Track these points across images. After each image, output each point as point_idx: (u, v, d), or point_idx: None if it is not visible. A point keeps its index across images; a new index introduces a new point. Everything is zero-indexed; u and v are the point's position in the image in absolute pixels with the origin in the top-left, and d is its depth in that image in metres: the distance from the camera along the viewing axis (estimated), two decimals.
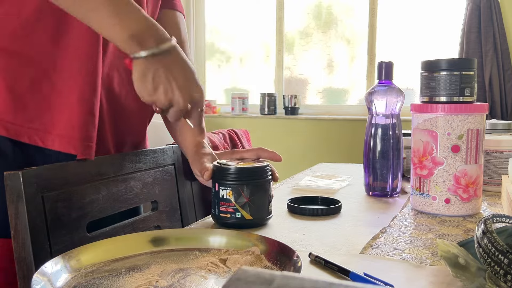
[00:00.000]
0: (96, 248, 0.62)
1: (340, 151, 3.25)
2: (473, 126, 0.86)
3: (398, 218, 0.87)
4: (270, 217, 0.83)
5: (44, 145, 0.77)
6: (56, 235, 0.74)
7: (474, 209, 0.89)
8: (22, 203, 0.69)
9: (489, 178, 1.08)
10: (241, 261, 0.61)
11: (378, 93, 1.03)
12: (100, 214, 0.82)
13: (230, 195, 0.78)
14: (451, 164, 0.87)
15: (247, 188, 0.78)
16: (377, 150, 1.03)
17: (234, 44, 3.76)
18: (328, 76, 3.53)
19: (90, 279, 0.56)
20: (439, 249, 0.55)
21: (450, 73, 0.88)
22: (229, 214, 0.79)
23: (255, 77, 3.71)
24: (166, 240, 0.68)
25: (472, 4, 2.97)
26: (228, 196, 0.78)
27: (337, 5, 3.48)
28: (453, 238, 0.75)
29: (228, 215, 0.79)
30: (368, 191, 1.06)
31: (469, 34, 2.99)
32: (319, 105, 3.53)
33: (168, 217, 1.01)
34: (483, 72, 2.95)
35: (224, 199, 0.79)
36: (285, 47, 3.60)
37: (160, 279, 0.56)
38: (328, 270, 0.62)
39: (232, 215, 0.78)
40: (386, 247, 0.71)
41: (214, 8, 3.77)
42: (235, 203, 0.78)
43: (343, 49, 3.48)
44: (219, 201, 0.79)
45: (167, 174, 1.02)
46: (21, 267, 0.69)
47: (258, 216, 0.79)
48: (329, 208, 0.90)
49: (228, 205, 0.78)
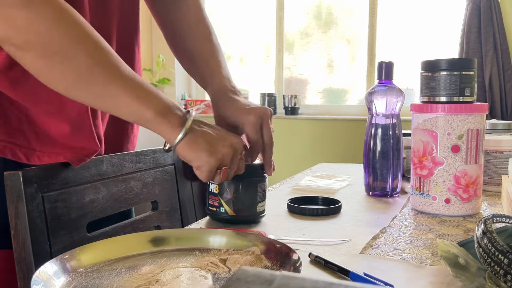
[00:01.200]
0: (96, 248, 0.62)
1: (340, 151, 3.25)
2: (473, 126, 0.86)
3: (398, 218, 0.87)
4: (261, 216, 0.83)
5: (29, 161, 0.75)
6: (56, 235, 0.74)
7: (474, 209, 0.89)
8: (22, 203, 0.69)
9: (489, 178, 1.08)
10: (241, 261, 0.61)
11: (378, 93, 1.03)
12: (100, 214, 0.82)
13: (216, 189, 0.81)
14: (451, 164, 0.87)
15: (231, 185, 0.80)
16: (377, 150, 1.03)
17: (234, 44, 3.76)
18: (328, 76, 3.53)
19: (90, 279, 0.56)
20: (439, 249, 0.55)
21: (450, 73, 0.88)
22: (215, 208, 0.81)
23: (255, 77, 3.71)
24: (166, 240, 0.68)
25: (472, 4, 2.97)
26: (215, 190, 0.81)
27: (337, 5, 3.48)
28: (453, 238, 0.75)
29: (214, 208, 0.82)
30: (368, 191, 1.06)
31: (469, 34, 2.99)
32: (319, 105, 3.53)
33: (168, 217, 1.01)
34: (483, 72, 2.95)
35: (212, 192, 0.82)
36: (285, 47, 3.60)
37: (160, 279, 0.56)
38: (328, 270, 0.62)
39: (217, 209, 0.81)
40: (386, 247, 0.71)
41: (214, 8, 3.77)
42: (220, 197, 0.80)
43: (343, 49, 3.48)
44: (208, 194, 0.83)
45: (167, 174, 1.02)
46: (21, 267, 0.69)
47: (242, 214, 0.81)
48: (329, 208, 0.90)
49: (215, 199, 0.81)
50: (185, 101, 3.71)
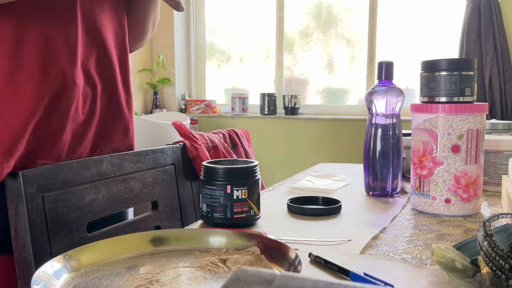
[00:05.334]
0: (96, 248, 0.62)
1: (340, 151, 3.25)
2: (473, 126, 0.86)
3: (398, 218, 0.87)
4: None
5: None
6: (56, 235, 0.74)
7: (474, 209, 0.89)
8: (22, 203, 0.69)
9: (489, 178, 1.08)
10: (241, 261, 0.61)
11: (378, 93, 1.03)
12: (100, 214, 0.82)
13: (245, 194, 0.81)
14: (451, 164, 0.87)
15: (251, 186, 0.80)
16: (377, 150, 1.03)
17: (234, 44, 3.76)
18: (328, 76, 3.53)
19: (90, 279, 0.56)
20: (435, 255, 0.55)
21: (450, 73, 0.88)
22: (245, 213, 0.81)
23: (255, 77, 3.71)
24: (166, 240, 0.68)
25: (472, 4, 2.97)
26: (243, 196, 0.80)
27: (337, 5, 3.48)
28: (453, 238, 0.75)
29: (244, 214, 0.81)
30: (368, 191, 1.06)
31: (469, 34, 2.99)
32: (319, 105, 3.53)
33: (168, 217, 1.01)
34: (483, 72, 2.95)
35: (240, 199, 0.80)
36: (285, 47, 3.60)
37: (160, 279, 0.56)
38: (328, 270, 0.62)
39: (247, 214, 0.81)
40: (386, 247, 0.71)
41: (214, 8, 3.77)
42: (249, 201, 0.80)
43: (343, 49, 3.48)
44: (233, 202, 0.80)
45: (167, 174, 1.02)
46: (21, 267, 0.69)
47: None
48: (329, 208, 0.90)
49: (244, 204, 0.80)
50: (185, 101, 3.71)
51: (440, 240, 0.74)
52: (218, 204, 0.79)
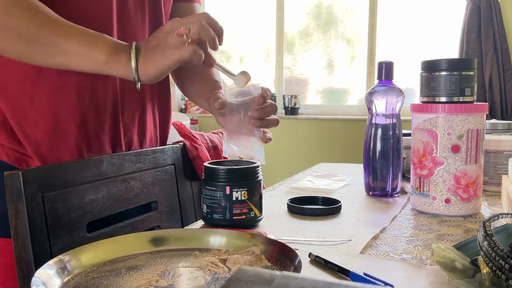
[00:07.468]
0: (96, 248, 0.62)
1: (340, 151, 3.25)
2: (473, 126, 0.86)
3: (398, 218, 0.87)
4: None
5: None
6: (56, 235, 0.74)
7: (474, 209, 0.89)
8: (22, 203, 0.69)
9: (489, 178, 1.08)
10: (241, 261, 0.61)
11: (378, 93, 1.03)
12: (100, 214, 0.82)
13: (245, 195, 0.80)
14: (451, 164, 0.87)
15: (252, 188, 0.80)
16: (377, 150, 1.03)
17: (234, 44, 3.76)
18: (328, 76, 3.53)
19: (90, 279, 0.56)
20: (435, 255, 0.55)
21: (450, 73, 0.88)
22: (244, 215, 0.80)
23: (255, 77, 3.71)
24: (166, 240, 0.68)
25: (472, 4, 2.97)
26: (243, 197, 0.79)
27: (337, 5, 3.48)
28: (453, 238, 0.75)
29: (243, 216, 0.80)
30: (368, 191, 1.06)
31: (469, 34, 2.99)
32: (319, 105, 3.53)
33: (168, 217, 1.01)
34: (483, 72, 2.95)
35: (239, 201, 0.79)
36: (285, 47, 3.60)
37: (160, 279, 0.56)
38: (328, 270, 0.62)
39: (247, 216, 0.80)
40: (386, 247, 0.71)
41: (214, 8, 3.77)
42: (249, 202, 0.80)
43: (343, 49, 3.48)
44: (232, 204, 0.80)
45: (167, 174, 1.02)
46: (21, 267, 0.69)
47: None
48: (329, 208, 0.90)
49: (244, 206, 0.80)
50: (185, 101, 3.70)
51: (440, 240, 0.74)
52: (218, 205, 0.79)
